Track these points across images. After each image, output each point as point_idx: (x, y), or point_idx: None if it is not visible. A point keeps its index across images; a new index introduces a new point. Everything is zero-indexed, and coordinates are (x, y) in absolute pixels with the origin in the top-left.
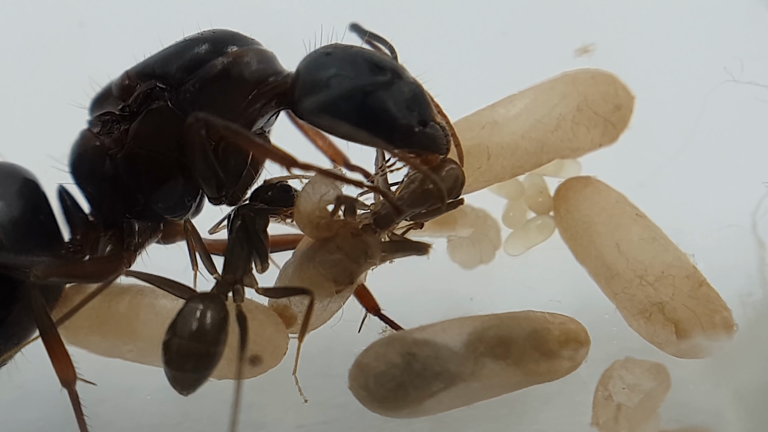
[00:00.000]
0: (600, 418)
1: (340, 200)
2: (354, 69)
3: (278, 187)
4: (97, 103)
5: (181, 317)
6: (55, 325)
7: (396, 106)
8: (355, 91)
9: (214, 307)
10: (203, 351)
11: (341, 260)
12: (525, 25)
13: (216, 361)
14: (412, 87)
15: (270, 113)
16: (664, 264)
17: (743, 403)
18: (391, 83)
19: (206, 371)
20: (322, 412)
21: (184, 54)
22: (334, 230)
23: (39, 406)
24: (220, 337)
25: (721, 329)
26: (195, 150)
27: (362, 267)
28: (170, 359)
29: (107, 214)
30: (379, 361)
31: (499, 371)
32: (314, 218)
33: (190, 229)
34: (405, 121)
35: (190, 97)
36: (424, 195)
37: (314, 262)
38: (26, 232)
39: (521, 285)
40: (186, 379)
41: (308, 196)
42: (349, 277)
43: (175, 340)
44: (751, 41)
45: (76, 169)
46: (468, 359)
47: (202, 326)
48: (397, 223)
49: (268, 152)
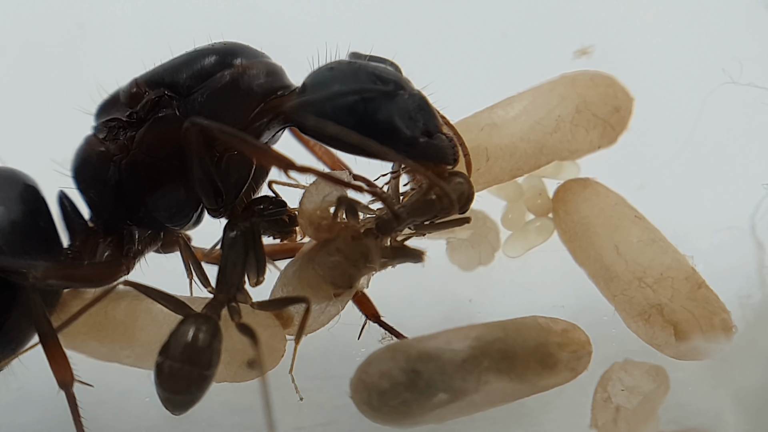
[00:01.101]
0: (599, 420)
1: (341, 201)
2: (358, 81)
3: (272, 200)
4: (104, 109)
5: (173, 339)
6: (53, 326)
7: (400, 116)
8: (359, 102)
9: (207, 329)
10: (195, 373)
11: (340, 263)
12: (524, 26)
13: (208, 383)
14: (416, 98)
15: (278, 127)
16: (663, 266)
17: (742, 405)
18: (394, 94)
19: (198, 393)
20: (321, 414)
21: (194, 64)
22: (335, 232)
23: (37, 409)
24: (213, 359)
25: (720, 331)
26: (192, 155)
27: (361, 271)
28: (162, 381)
29: (108, 220)
30: (383, 379)
31: (502, 385)
32: (315, 218)
33: (182, 244)
34: (409, 131)
35: (197, 106)
36: (426, 204)
37: (313, 263)
38: (25, 237)
39: (520, 287)
40: (178, 400)
41: (311, 195)
42: (348, 281)
43: (167, 363)
44: (750, 43)
45: (79, 174)
46: (472, 374)
47: (194, 349)
48: (399, 231)
49: (265, 155)
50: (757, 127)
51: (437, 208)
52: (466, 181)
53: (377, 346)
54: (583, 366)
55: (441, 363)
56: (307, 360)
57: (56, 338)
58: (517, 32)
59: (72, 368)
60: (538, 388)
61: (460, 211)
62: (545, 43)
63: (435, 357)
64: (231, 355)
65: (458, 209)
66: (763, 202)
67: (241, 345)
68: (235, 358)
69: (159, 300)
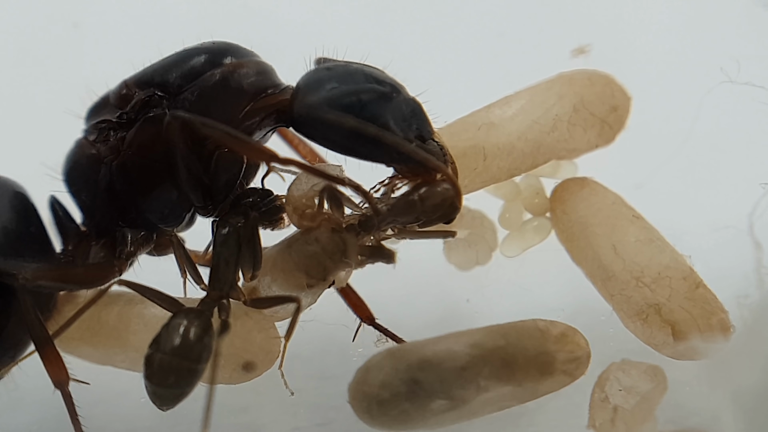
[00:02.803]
0: (596, 420)
1: (324, 190)
2: (354, 81)
3: (259, 192)
4: (94, 112)
5: (165, 332)
6: (45, 327)
7: (393, 117)
8: (354, 102)
9: (199, 324)
10: (185, 367)
11: (317, 253)
12: (521, 25)
13: (198, 378)
14: (410, 102)
15: (269, 127)
16: (660, 265)
17: (740, 405)
18: (389, 96)
19: (187, 387)
20: (318, 414)
21: (184, 63)
22: (317, 222)
23: (33, 410)
24: (203, 354)
25: (718, 331)
26: (176, 150)
27: (337, 265)
28: (151, 374)
29: (100, 222)
30: (384, 389)
31: (501, 392)
32: (301, 205)
33: (175, 243)
34: (402, 132)
35: (187, 105)
36: (408, 204)
37: (291, 250)
38: (16, 243)
39: (517, 286)
40: (166, 394)
41: (300, 183)
42: (323, 273)
43: (157, 355)
44: (748, 42)
45: (70, 177)
46: (472, 382)
47: (185, 342)
48: (381, 230)
49: (248, 147)
50: (754, 126)
51: (419, 210)
52: (455, 190)
53: (374, 346)
54: (581, 371)
55: (441, 371)
56: (303, 360)
57: (49, 338)
58: (514, 31)
59: (66, 367)
60: (537, 394)
61: (446, 221)
62: (542, 42)
63: (435, 365)
64: (226, 359)
65: (444, 217)
66: (761, 202)
67: (235, 349)
68: (230, 361)
69: (152, 298)
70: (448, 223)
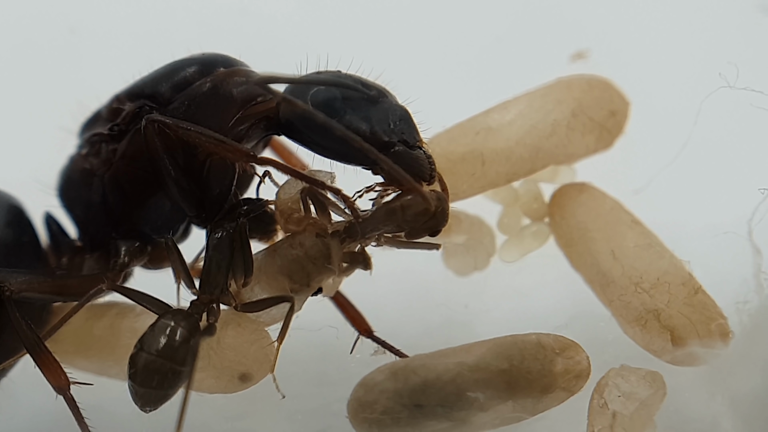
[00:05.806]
0: (595, 426)
1: (304, 192)
2: (339, 84)
3: (253, 201)
4: (87, 127)
5: (150, 332)
6: (38, 335)
7: (380, 120)
8: (341, 104)
9: (186, 326)
10: (169, 369)
11: (300, 258)
12: (520, 30)
13: (182, 381)
14: (398, 108)
15: (259, 135)
16: (659, 271)
17: (739, 412)
18: (377, 100)
19: (170, 389)
20: (316, 421)
21: (173, 74)
22: (303, 226)
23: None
24: (188, 356)
25: (717, 337)
26: (153, 154)
27: (320, 270)
28: (135, 373)
29: (93, 234)
30: (385, 415)
31: (501, 411)
32: (287, 209)
33: (170, 245)
34: (387, 136)
35: (177, 114)
36: (389, 212)
37: (276, 254)
38: (7, 253)
39: (516, 292)
40: (148, 395)
41: (288, 186)
42: (306, 278)
43: (142, 355)
44: (747, 47)
45: (64, 192)
46: (474, 403)
47: (170, 343)
48: (365, 237)
49: (224, 146)
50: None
51: (400, 218)
52: (443, 200)
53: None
54: (581, 386)
55: (444, 396)
56: (302, 366)
57: (42, 345)
58: (512, 36)
59: (66, 372)
60: (536, 411)
61: (431, 233)
62: (541, 47)
63: (439, 389)
64: (221, 371)
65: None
66: (760, 207)
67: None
68: (225, 373)
69: (141, 302)
70: (433, 235)
